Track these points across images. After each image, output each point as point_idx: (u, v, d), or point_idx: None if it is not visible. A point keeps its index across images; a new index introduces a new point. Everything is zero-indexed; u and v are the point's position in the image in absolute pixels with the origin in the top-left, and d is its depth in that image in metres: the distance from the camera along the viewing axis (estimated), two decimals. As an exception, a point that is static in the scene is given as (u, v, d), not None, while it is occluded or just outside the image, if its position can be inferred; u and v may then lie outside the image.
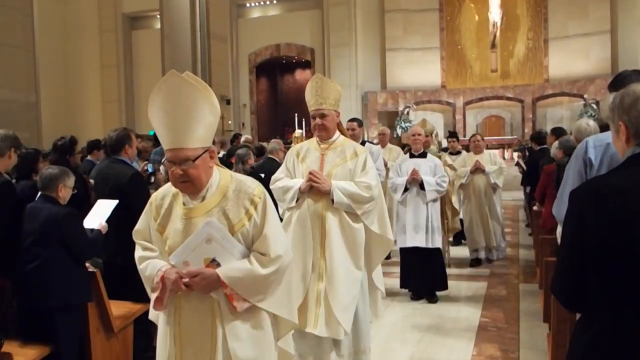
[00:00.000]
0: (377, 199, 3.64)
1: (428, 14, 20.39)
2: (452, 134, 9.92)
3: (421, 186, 5.90)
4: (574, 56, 19.03)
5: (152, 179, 4.67)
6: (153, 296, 2.21)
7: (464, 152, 8.54)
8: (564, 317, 3.31)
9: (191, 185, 2.13)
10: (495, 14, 19.70)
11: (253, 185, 2.24)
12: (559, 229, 3.20)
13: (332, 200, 3.56)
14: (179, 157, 2.07)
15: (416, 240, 5.85)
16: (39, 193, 3.66)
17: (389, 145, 8.39)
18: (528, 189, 8.83)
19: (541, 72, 19.71)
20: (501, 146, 18.05)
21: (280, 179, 3.81)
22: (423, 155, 6.13)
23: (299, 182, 3.66)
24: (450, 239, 7.80)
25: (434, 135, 7.91)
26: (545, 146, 7.89)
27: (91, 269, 3.79)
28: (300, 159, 3.78)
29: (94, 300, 3.71)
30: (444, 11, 20.46)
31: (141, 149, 8.06)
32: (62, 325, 3.47)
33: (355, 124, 6.17)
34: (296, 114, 17.78)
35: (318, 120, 3.68)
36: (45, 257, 3.44)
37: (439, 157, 6.72)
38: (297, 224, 3.63)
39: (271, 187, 3.73)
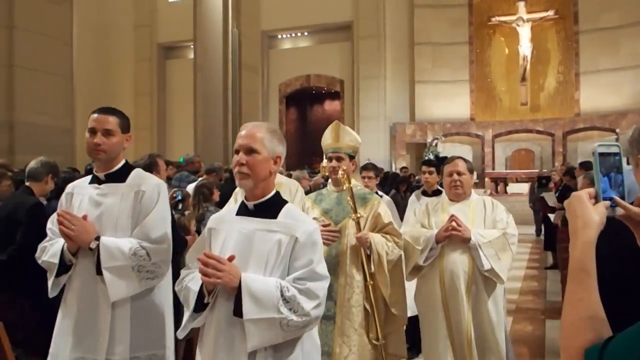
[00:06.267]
0: None
1: (458, 47, 20.46)
2: (425, 161, 6.52)
3: (237, 305, 2.06)
4: (605, 90, 18.82)
5: (180, 206, 4.73)
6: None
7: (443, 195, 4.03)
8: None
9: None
10: (525, 47, 19.65)
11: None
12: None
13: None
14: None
15: None
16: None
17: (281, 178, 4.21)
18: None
19: (572, 106, 19.54)
20: (531, 180, 17.79)
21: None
22: (268, 210, 2.29)
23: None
24: None
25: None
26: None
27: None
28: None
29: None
30: (474, 44, 20.53)
31: (170, 176, 8.20)
32: None
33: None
34: (324, 144, 17.89)
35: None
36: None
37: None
38: None
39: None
